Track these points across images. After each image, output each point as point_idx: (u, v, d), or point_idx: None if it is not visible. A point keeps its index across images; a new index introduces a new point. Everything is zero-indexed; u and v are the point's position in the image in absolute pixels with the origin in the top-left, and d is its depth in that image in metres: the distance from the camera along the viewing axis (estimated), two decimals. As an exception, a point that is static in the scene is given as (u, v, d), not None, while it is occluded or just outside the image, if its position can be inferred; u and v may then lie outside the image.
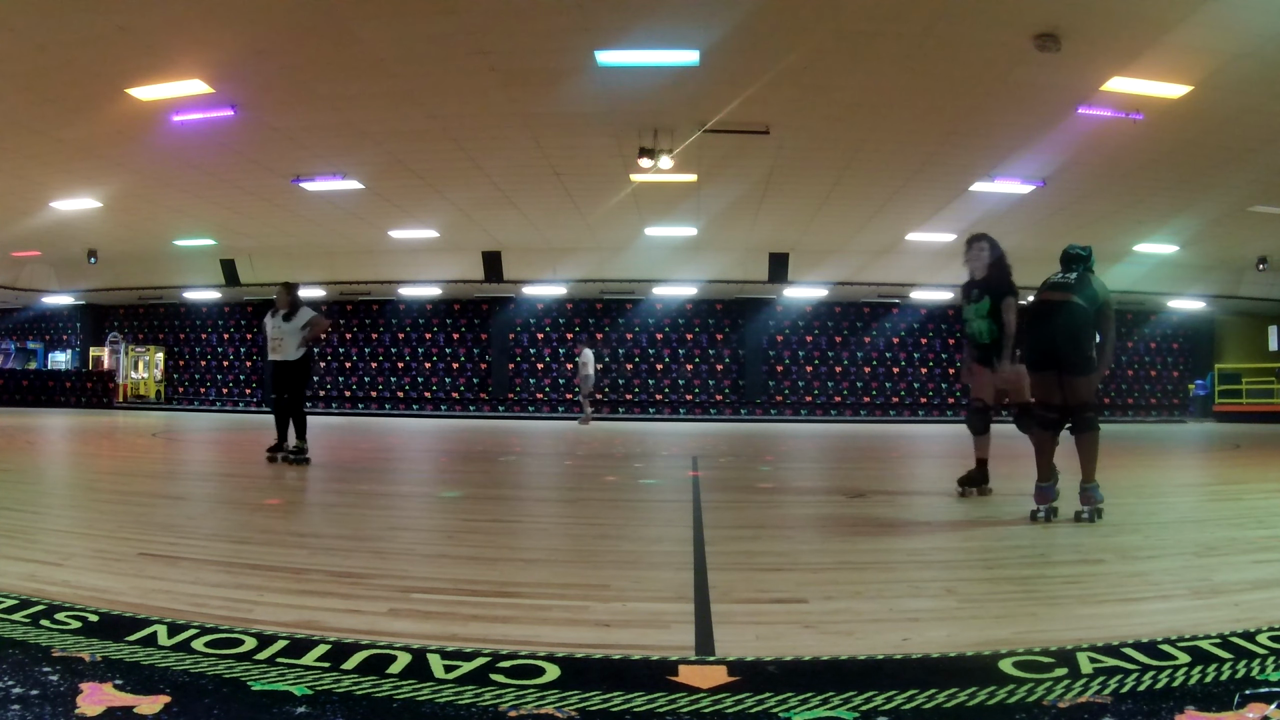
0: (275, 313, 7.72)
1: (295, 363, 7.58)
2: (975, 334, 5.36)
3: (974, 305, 5.37)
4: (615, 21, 8.45)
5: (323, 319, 7.79)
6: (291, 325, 7.60)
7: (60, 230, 17.75)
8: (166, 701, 1.70)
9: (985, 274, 5.34)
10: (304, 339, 7.57)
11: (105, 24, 8.24)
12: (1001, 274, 5.33)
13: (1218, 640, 2.16)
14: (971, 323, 5.39)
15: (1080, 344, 4.64)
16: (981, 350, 5.37)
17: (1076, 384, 4.57)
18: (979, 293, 5.33)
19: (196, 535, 3.75)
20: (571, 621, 2.41)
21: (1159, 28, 8.17)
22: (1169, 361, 25.98)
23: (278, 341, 7.59)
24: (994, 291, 5.27)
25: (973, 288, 5.39)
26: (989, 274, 5.33)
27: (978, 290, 5.35)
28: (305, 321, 7.62)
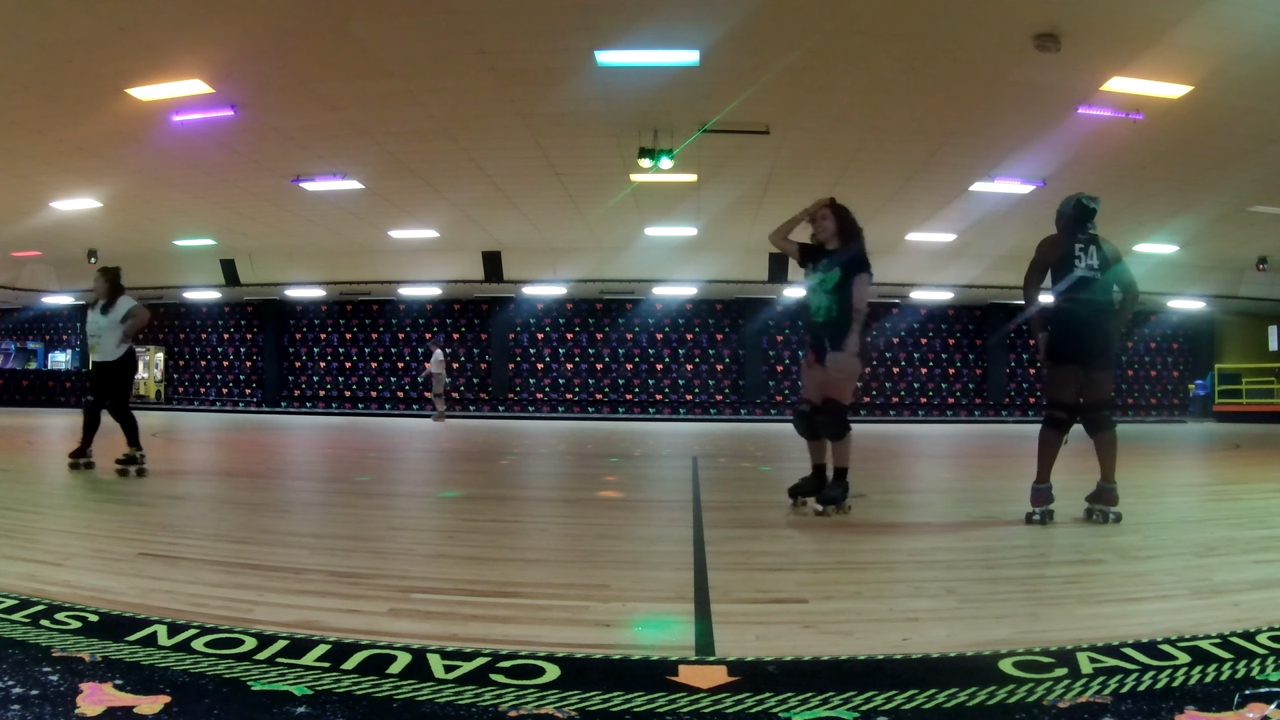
0: (94, 305, 6.69)
1: (115, 363, 6.54)
2: (814, 309, 4.69)
3: (820, 275, 4.65)
4: (615, 21, 8.45)
5: (144, 310, 6.70)
6: (110, 319, 6.53)
7: (60, 230, 17.75)
8: (166, 701, 1.70)
9: (836, 243, 4.69)
10: (124, 334, 6.51)
11: (105, 24, 8.24)
12: (858, 245, 4.69)
13: (1218, 640, 2.16)
14: (813, 296, 4.69)
15: (1110, 336, 4.56)
16: (818, 332, 4.67)
17: (1103, 380, 4.49)
18: (829, 262, 4.65)
19: (196, 535, 3.75)
20: (571, 621, 2.41)
21: (1159, 28, 8.17)
22: (1169, 361, 25.98)
23: (96, 339, 6.56)
24: (847, 264, 4.60)
25: (821, 256, 4.72)
26: (841, 243, 4.68)
27: (827, 260, 4.67)
28: (125, 313, 6.55)
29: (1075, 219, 4.58)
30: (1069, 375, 4.46)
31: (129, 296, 6.69)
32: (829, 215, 4.69)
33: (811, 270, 4.73)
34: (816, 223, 4.73)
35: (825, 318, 4.61)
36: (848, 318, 4.53)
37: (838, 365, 4.51)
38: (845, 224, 4.70)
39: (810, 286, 4.70)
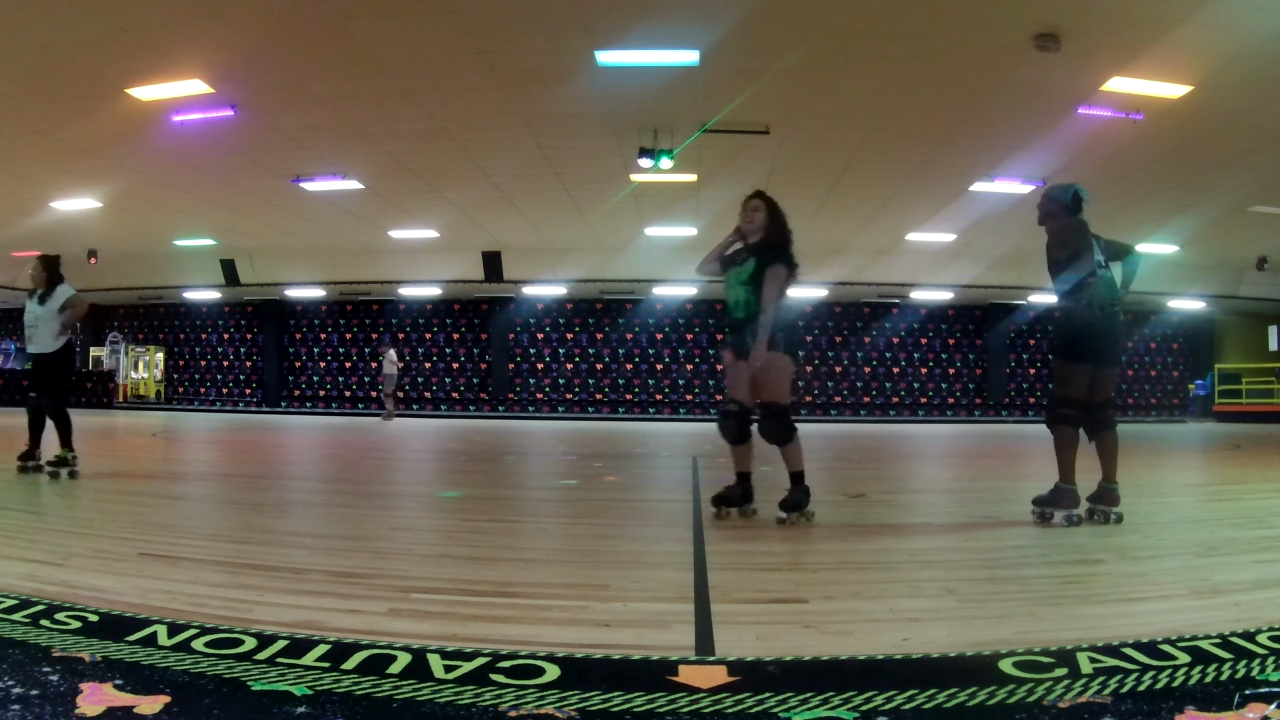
0: (32, 294, 6.34)
1: (51, 355, 6.18)
2: (731, 304, 4.41)
3: (737, 269, 4.41)
4: (615, 21, 8.45)
5: (83, 299, 6.35)
6: (48, 309, 6.15)
7: (60, 230, 17.74)
8: (166, 701, 1.70)
9: (761, 236, 4.42)
10: (63, 324, 6.14)
11: (105, 24, 8.24)
12: (780, 238, 4.43)
13: (1218, 640, 2.16)
14: (730, 290, 4.43)
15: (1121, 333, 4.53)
16: (736, 328, 4.38)
17: (1111, 378, 4.44)
18: (746, 255, 4.41)
19: (196, 535, 3.75)
20: (571, 621, 2.41)
21: (1159, 28, 8.17)
22: (1169, 361, 25.99)
23: (33, 330, 6.20)
24: (763, 255, 4.34)
25: (742, 250, 4.47)
26: (765, 236, 4.43)
27: (745, 253, 4.43)
28: (63, 303, 6.16)
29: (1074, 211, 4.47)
30: (1083, 374, 4.37)
31: (68, 285, 6.31)
32: (760, 207, 4.44)
33: (730, 270, 4.48)
34: (745, 214, 4.45)
35: (745, 313, 4.31)
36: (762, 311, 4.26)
37: (769, 365, 4.21)
38: (774, 217, 4.44)
39: (728, 281, 4.44)
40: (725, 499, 4.44)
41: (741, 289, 4.32)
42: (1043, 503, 4.33)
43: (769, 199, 4.47)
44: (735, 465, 4.47)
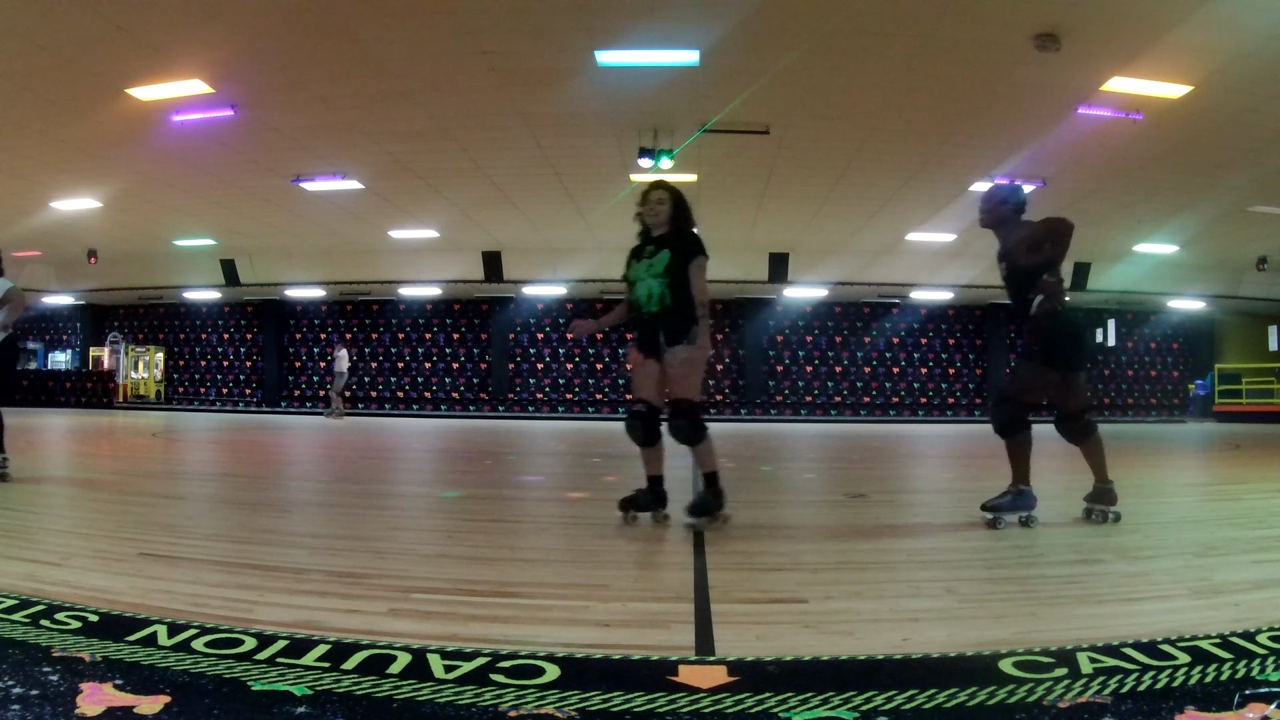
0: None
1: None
2: (642, 299, 4.10)
3: (646, 261, 4.13)
4: (615, 21, 8.45)
5: (24, 294, 5.92)
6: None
7: (60, 230, 17.76)
8: (166, 701, 1.70)
9: (668, 229, 4.17)
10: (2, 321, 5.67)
11: (105, 24, 8.25)
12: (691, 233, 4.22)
13: (1218, 640, 2.16)
14: (640, 283, 4.12)
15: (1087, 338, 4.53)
16: (648, 325, 4.10)
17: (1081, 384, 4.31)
18: (654, 248, 4.14)
19: (196, 535, 3.75)
20: (571, 621, 2.40)
21: (1159, 28, 8.17)
22: (1169, 361, 25.99)
23: None
24: (680, 247, 4.08)
25: (648, 244, 4.21)
26: (673, 229, 4.18)
27: (654, 245, 4.16)
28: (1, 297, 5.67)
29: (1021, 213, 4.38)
30: (1052, 380, 4.23)
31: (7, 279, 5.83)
32: (665, 199, 4.17)
33: (635, 262, 4.20)
34: (649, 207, 4.17)
35: (658, 306, 4.04)
36: (684, 306, 4.02)
37: (681, 359, 3.96)
38: (680, 208, 4.20)
39: (635, 276, 4.14)
40: (633, 502, 4.20)
41: (655, 282, 4.05)
42: (1001, 508, 4.16)
43: (673, 189, 4.25)
44: (646, 469, 4.22)
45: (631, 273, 4.20)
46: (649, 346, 4.10)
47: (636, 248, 4.26)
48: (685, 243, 4.12)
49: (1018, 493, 4.20)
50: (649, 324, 4.09)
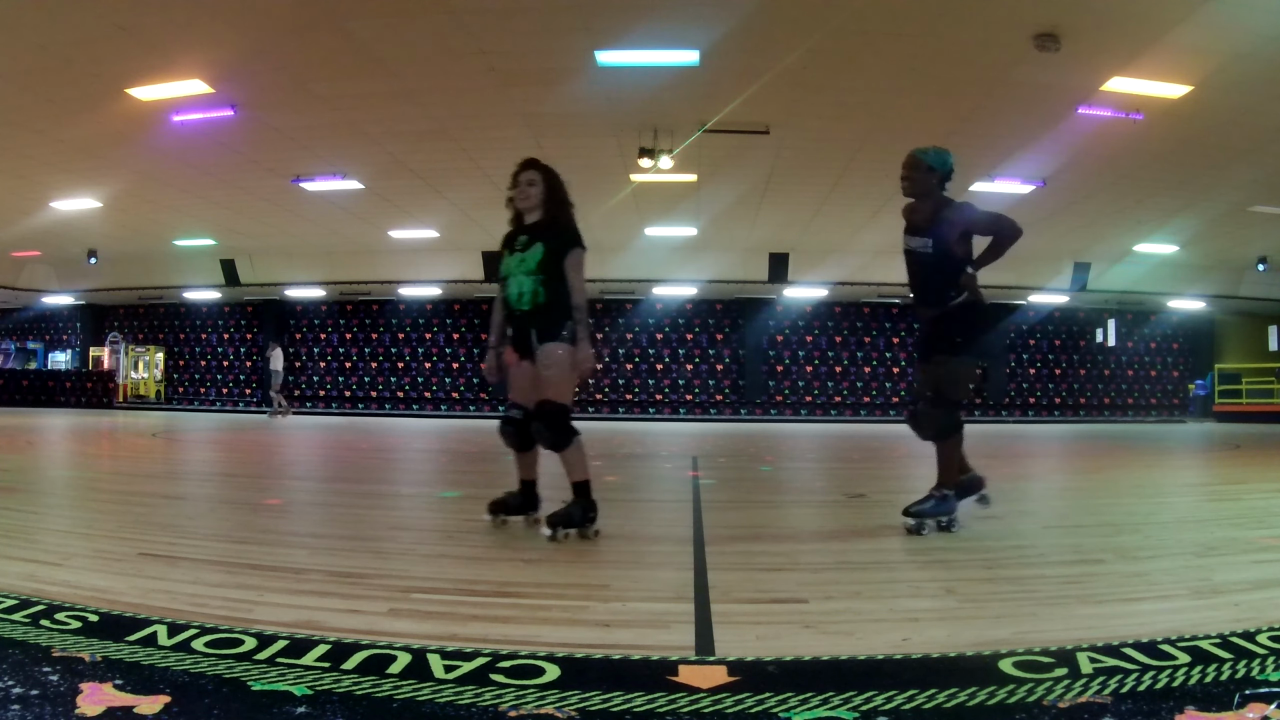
0: None
1: None
2: (513, 297, 3.76)
3: (518, 254, 3.78)
4: (615, 21, 8.46)
5: None
6: None
7: (60, 230, 17.76)
8: (166, 701, 1.70)
9: (541, 214, 3.85)
10: None
11: (105, 24, 8.25)
12: (566, 215, 3.89)
13: (1218, 640, 2.16)
14: (512, 279, 3.78)
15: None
16: (522, 324, 3.78)
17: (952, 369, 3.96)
18: (528, 239, 3.79)
19: (196, 535, 3.75)
20: (571, 621, 2.40)
21: (1159, 28, 8.18)
22: (1169, 361, 25.99)
23: None
24: (555, 239, 3.77)
25: (519, 233, 3.86)
26: (546, 214, 3.85)
27: (526, 236, 3.81)
28: None
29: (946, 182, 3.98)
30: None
31: None
32: (536, 179, 3.83)
33: (507, 254, 3.86)
34: (519, 189, 3.83)
35: (531, 304, 3.72)
36: (559, 304, 3.71)
37: (553, 360, 3.66)
38: (554, 189, 3.86)
39: (507, 270, 3.82)
40: (504, 505, 3.97)
41: (527, 279, 3.72)
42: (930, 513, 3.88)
43: (545, 168, 3.88)
44: (519, 472, 3.97)
45: (503, 267, 3.84)
46: (523, 347, 3.79)
47: (509, 235, 3.90)
48: (560, 233, 3.78)
49: (942, 497, 3.92)
50: (521, 323, 3.77)
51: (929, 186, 3.91)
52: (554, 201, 3.85)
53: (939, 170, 3.90)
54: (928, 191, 3.92)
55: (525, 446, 3.89)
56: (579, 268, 3.75)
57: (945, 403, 3.95)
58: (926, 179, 3.91)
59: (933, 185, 3.91)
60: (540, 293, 3.71)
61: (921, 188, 3.91)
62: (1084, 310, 24.82)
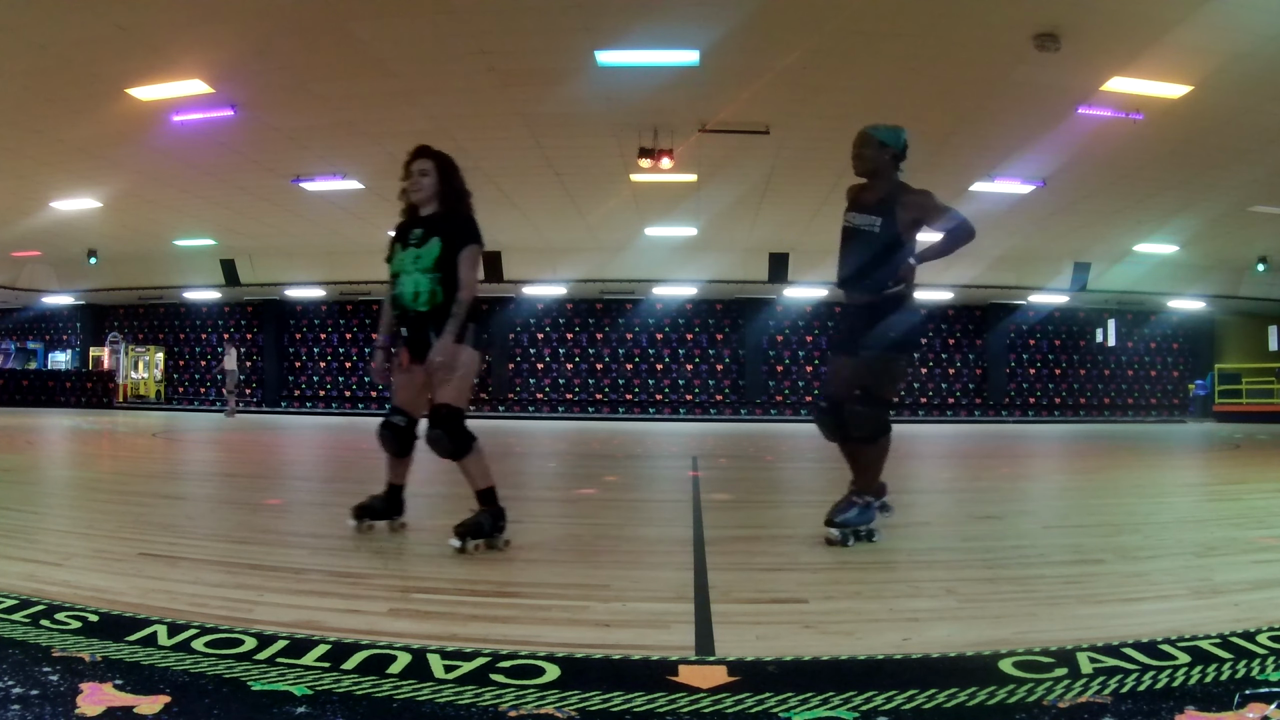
0: None
1: None
2: (408, 296, 3.51)
3: (412, 250, 3.54)
4: (615, 21, 8.45)
5: None
6: None
7: (60, 230, 17.76)
8: (166, 701, 1.70)
9: (436, 206, 3.61)
10: None
11: (105, 24, 8.25)
12: (463, 208, 3.64)
13: (1218, 640, 2.16)
14: (406, 277, 3.52)
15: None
16: (417, 325, 3.53)
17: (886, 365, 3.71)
18: (424, 232, 3.55)
19: (196, 535, 3.74)
20: (571, 621, 2.40)
21: (1159, 28, 8.18)
22: (1169, 361, 25.99)
23: None
24: (452, 234, 3.52)
25: (413, 225, 3.62)
26: (442, 205, 3.61)
27: (422, 229, 3.57)
28: None
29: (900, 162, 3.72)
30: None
31: None
32: (430, 169, 3.60)
33: (400, 249, 3.60)
34: (411, 179, 3.61)
35: (429, 304, 3.47)
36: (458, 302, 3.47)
37: (447, 362, 3.40)
38: (449, 179, 3.62)
39: (400, 266, 3.55)
40: (369, 510, 3.74)
41: (425, 278, 3.47)
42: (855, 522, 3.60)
43: (440, 155, 3.66)
44: (389, 475, 3.75)
45: (396, 262, 3.57)
46: (419, 349, 3.52)
47: (401, 227, 3.66)
48: (457, 227, 3.53)
49: (866, 504, 3.64)
50: (418, 324, 3.51)
51: (882, 165, 3.65)
52: (450, 192, 3.60)
53: (892, 147, 3.64)
54: (881, 170, 3.66)
55: (404, 452, 3.69)
56: (472, 264, 3.50)
57: (877, 401, 3.67)
58: (879, 156, 3.65)
59: (886, 163, 3.65)
60: (438, 292, 3.46)
61: (874, 166, 3.66)
62: (1084, 310, 24.82)
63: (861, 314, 3.69)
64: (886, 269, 3.58)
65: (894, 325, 3.61)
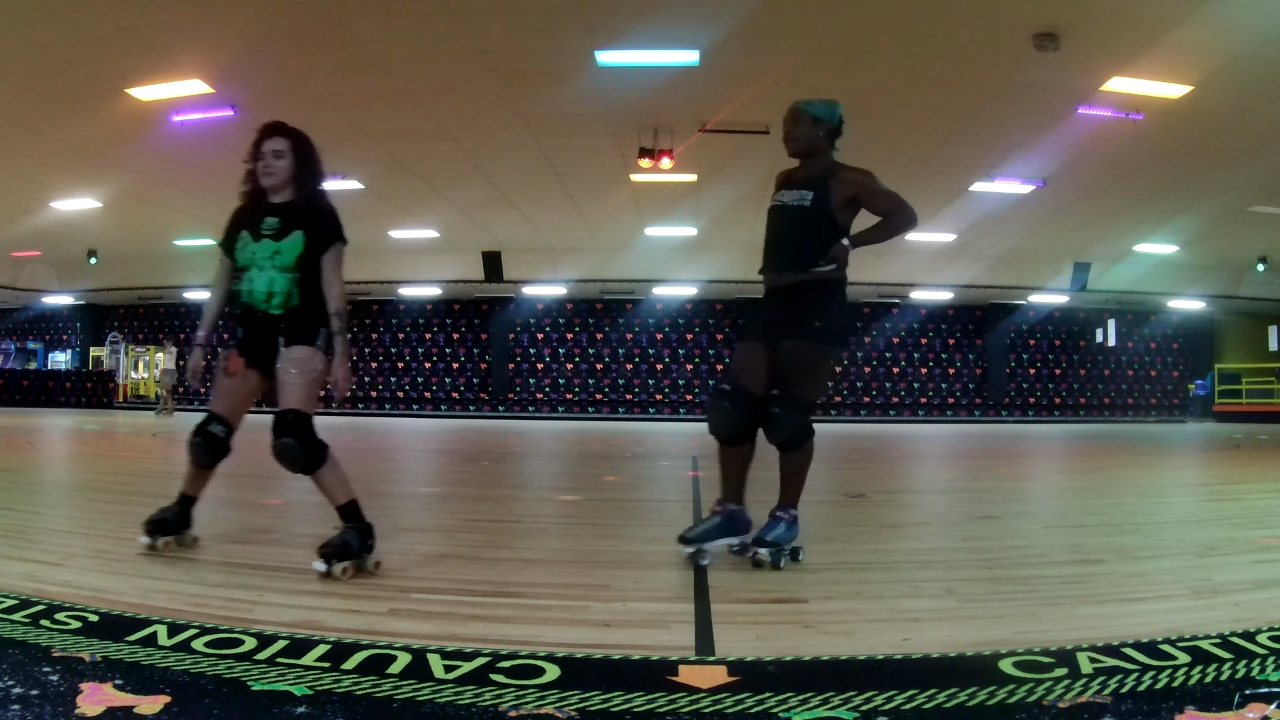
0: None
1: None
2: (259, 295, 3.08)
3: (267, 242, 3.06)
4: (615, 21, 8.46)
5: None
6: None
7: (60, 230, 17.76)
8: (166, 701, 1.70)
9: (292, 193, 3.12)
10: None
11: (105, 24, 8.25)
12: (326, 201, 3.21)
13: (1218, 640, 2.16)
14: (259, 273, 3.07)
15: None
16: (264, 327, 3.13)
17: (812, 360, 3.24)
18: (281, 223, 3.07)
19: (199, 536, 3.74)
20: (571, 621, 2.40)
21: (1159, 28, 8.18)
22: (1169, 361, 25.98)
23: None
24: (316, 229, 3.08)
25: (265, 213, 3.12)
26: (300, 194, 3.12)
27: (279, 220, 3.08)
28: None
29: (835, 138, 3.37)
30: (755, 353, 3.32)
31: None
32: (285, 150, 3.08)
33: (247, 239, 3.12)
34: (262, 160, 3.10)
35: (284, 306, 3.06)
36: (315, 307, 3.08)
37: (299, 366, 3.04)
38: (307, 162, 3.13)
39: (250, 259, 3.09)
40: (160, 526, 3.23)
41: (282, 277, 3.04)
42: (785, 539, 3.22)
43: (296, 134, 3.14)
44: (187, 486, 3.33)
45: (243, 253, 3.11)
46: (259, 354, 3.15)
47: (244, 212, 3.19)
48: (322, 222, 3.11)
49: (793, 520, 3.28)
50: (266, 326, 3.11)
51: (816, 142, 3.32)
52: (308, 178, 3.14)
53: (826, 122, 3.32)
54: (816, 148, 3.32)
55: (213, 464, 3.30)
56: (339, 265, 3.11)
57: (800, 404, 3.22)
58: (812, 133, 3.31)
59: (820, 140, 3.32)
60: (295, 294, 3.04)
61: (808, 144, 3.33)
62: (1084, 310, 24.81)
63: (785, 298, 3.26)
64: (816, 247, 3.18)
65: (824, 313, 3.20)
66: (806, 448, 3.29)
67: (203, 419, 3.22)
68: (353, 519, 3.07)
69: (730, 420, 3.27)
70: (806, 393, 3.22)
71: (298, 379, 3.05)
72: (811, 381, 3.24)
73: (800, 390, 3.21)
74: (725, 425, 3.30)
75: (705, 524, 3.24)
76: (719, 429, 3.32)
